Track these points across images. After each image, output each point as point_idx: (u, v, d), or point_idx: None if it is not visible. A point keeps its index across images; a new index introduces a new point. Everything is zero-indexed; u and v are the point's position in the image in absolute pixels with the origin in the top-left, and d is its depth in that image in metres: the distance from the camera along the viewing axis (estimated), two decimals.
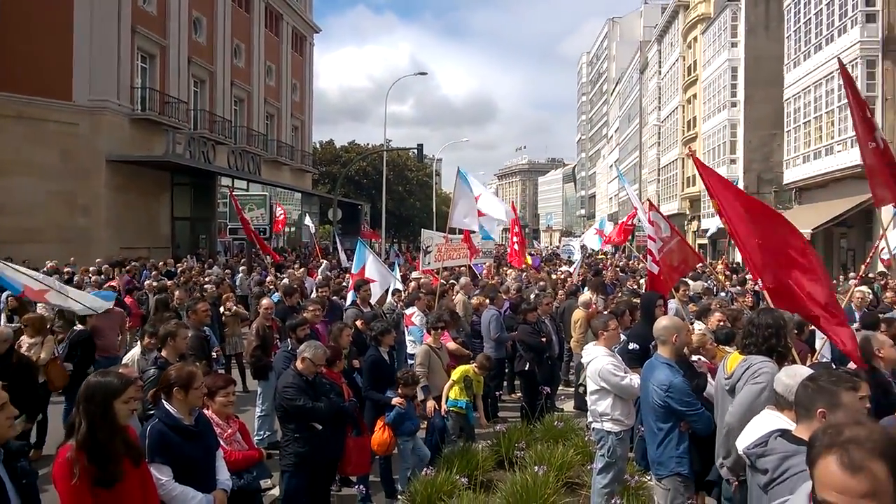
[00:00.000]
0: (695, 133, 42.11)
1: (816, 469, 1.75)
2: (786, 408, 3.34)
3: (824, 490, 1.71)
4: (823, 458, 1.73)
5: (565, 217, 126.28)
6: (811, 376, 2.97)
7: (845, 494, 1.66)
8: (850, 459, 1.68)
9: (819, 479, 1.74)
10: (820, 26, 25.50)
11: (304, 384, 5.63)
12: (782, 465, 2.74)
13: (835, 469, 1.69)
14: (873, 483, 1.65)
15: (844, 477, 1.67)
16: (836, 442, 1.73)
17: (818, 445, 1.77)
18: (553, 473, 6.34)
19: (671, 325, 5.05)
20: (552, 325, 9.96)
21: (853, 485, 1.66)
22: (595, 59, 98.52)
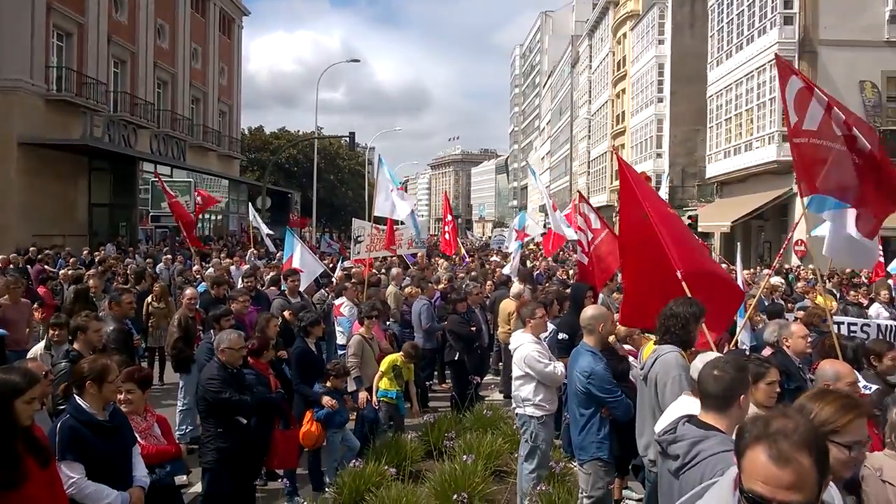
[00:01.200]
0: (623, 127, 43.23)
1: (745, 460, 1.78)
2: None
3: (752, 480, 1.75)
4: (752, 450, 1.76)
5: (498, 208, 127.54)
6: (720, 365, 3.04)
7: (772, 485, 1.70)
8: (779, 451, 1.72)
9: (747, 470, 1.77)
10: (741, 27, 26.53)
11: (228, 376, 5.46)
12: (692, 451, 2.80)
13: (763, 460, 1.73)
14: (799, 474, 1.70)
15: (772, 468, 1.71)
16: (764, 434, 1.76)
17: (747, 437, 1.80)
18: (482, 462, 6.39)
19: (597, 314, 5.18)
20: (482, 314, 10.02)
21: (781, 476, 1.70)
22: (528, 51, 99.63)
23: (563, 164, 68.04)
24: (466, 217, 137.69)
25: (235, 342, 5.58)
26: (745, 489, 1.76)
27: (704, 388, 3.02)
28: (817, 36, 23.46)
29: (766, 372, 3.88)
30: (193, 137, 37.99)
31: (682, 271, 4.96)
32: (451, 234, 18.37)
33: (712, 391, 2.95)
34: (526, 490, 5.73)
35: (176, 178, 31.12)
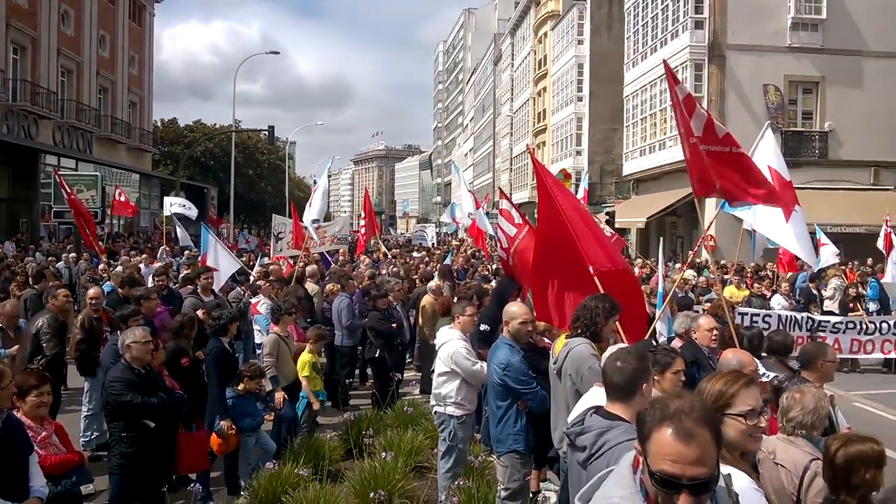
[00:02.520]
0: (545, 125, 44.06)
1: (651, 443, 1.83)
2: None
3: (660, 461, 1.79)
4: (657, 431, 1.81)
5: (422, 204, 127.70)
6: (622, 356, 3.11)
7: (680, 462, 1.76)
8: (683, 429, 1.78)
9: (654, 452, 1.81)
10: (655, 30, 27.50)
11: (134, 378, 5.20)
12: (598, 441, 2.85)
13: (670, 439, 1.78)
14: (703, 449, 1.77)
15: (679, 446, 1.77)
16: (666, 415, 1.82)
17: (650, 420, 1.85)
18: (402, 459, 6.35)
19: (517, 310, 5.23)
20: (404, 311, 9.96)
21: (687, 452, 1.76)
22: (451, 48, 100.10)
23: (486, 161, 68.77)
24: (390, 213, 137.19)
25: (141, 336, 5.32)
26: (653, 471, 1.80)
27: (608, 379, 3.07)
28: (725, 41, 24.57)
29: (673, 361, 3.99)
30: (101, 129, 36.11)
31: (595, 269, 5.08)
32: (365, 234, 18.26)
33: (616, 382, 3.01)
34: (443, 486, 5.72)
35: (81, 172, 29.49)
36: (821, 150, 24.56)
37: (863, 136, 24.12)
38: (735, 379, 2.63)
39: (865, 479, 2.92)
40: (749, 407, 2.52)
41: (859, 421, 9.40)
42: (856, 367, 13.07)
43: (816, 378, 4.44)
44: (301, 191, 63.29)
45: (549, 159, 42.95)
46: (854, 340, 12.63)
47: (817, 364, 4.49)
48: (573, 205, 5.84)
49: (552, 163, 41.62)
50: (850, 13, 24.16)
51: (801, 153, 24.36)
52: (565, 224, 5.36)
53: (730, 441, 2.50)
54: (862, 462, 2.95)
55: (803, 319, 12.58)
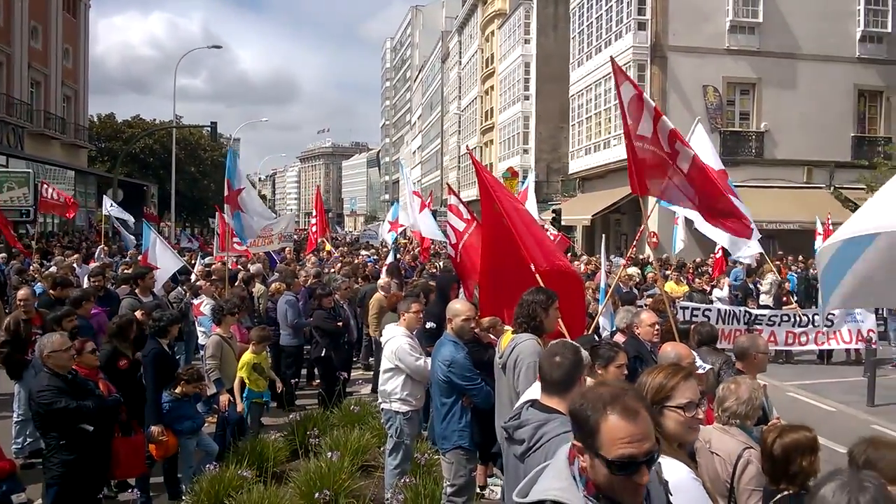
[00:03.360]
0: (492, 123, 44.36)
1: (601, 434, 1.85)
2: None
3: (615, 447, 1.83)
4: (605, 420, 1.85)
5: (370, 202, 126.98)
6: (559, 350, 3.14)
7: (635, 440, 1.81)
8: (627, 409, 1.84)
9: (607, 439, 1.84)
10: (600, 30, 27.99)
11: (62, 384, 4.99)
12: (536, 434, 2.87)
13: (619, 423, 1.83)
14: (647, 423, 1.86)
15: (629, 426, 1.83)
16: (607, 402, 1.87)
17: (592, 413, 1.88)
18: (348, 458, 6.31)
19: (460, 307, 5.25)
20: (351, 309, 9.88)
21: (636, 429, 1.83)
22: (399, 45, 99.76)
23: (434, 159, 68.83)
24: (337, 211, 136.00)
25: (59, 343, 5.11)
26: (611, 460, 1.83)
27: (545, 373, 3.11)
28: (667, 42, 25.18)
29: (616, 356, 4.13)
30: (33, 124, 34.60)
31: (536, 266, 5.15)
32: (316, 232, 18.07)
33: (553, 376, 3.05)
34: (390, 483, 5.70)
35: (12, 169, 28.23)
36: (757, 149, 25.43)
37: (797, 136, 25.09)
38: (674, 372, 2.68)
39: (803, 467, 3.02)
40: (687, 399, 2.58)
41: (794, 410, 9.78)
42: (790, 358, 13.58)
43: (750, 369, 4.59)
44: None
45: (496, 157, 43.29)
46: (789, 333, 13.12)
47: (751, 356, 4.64)
48: (514, 205, 5.95)
49: (499, 161, 41.95)
50: (785, 17, 25.08)
51: (738, 152, 25.18)
52: (507, 224, 5.45)
53: (670, 432, 2.56)
54: (798, 450, 3.05)
55: (741, 313, 13.02)
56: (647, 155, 6.17)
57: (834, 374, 12.57)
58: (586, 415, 1.89)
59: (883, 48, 25.84)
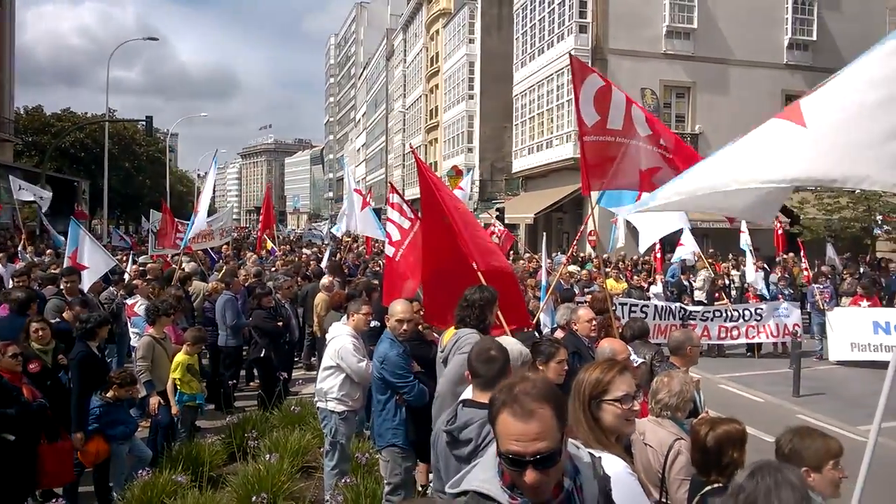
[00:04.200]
0: (437, 122, 44.42)
1: (497, 426, 1.92)
2: None
3: (506, 442, 1.88)
4: (502, 414, 1.90)
5: (313, 199, 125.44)
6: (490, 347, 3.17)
7: (524, 440, 1.85)
8: (523, 408, 1.87)
9: (501, 434, 1.90)
10: (543, 32, 28.34)
11: None
12: (483, 431, 2.89)
13: (511, 420, 1.87)
14: (543, 424, 1.87)
15: (520, 424, 1.86)
16: (510, 398, 1.91)
17: (496, 404, 1.95)
18: (287, 460, 6.22)
19: (397, 307, 5.30)
20: (292, 308, 9.72)
21: (527, 430, 1.85)
22: (343, 41, 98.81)
23: (378, 157, 68.49)
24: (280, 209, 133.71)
25: None
26: (502, 452, 1.90)
27: (477, 370, 3.14)
28: (607, 45, 25.72)
29: (556, 352, 4.19)
30: None
31: (479, 265, 5.19)
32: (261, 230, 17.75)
33: (485, 372, 3.08)
34: (330, 485, 5.63)
35: None
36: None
37: (729, 139, 25.20)
38: (610, 367, 2.74)
39: (733, 458, 3.12)
40: (623, 392, 2.64)
41: (724, 401, 10.15)
42: (722, 351, 14.09)
43: (683, 363, 4.73)
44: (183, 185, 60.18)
45: (440, 156, 43.38)
46: (721, 327, 13.63)
47: (686, 350, 4.77)
48: (455, 204, 5.95)
49: (444, 159, 42.05)
50: (718, 24, 25.94)
51: None
52: (449, 222, 5.46)
53: (608, 426, 2.62)
54: (730, 442, 3.15)
55: (676, 309, 13.44)
56: (603, 148, 6.24)
57: (762, 367, 13.08)
58: (493, 403, 1.97)
59: (809, 55, 27.03)
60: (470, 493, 2.00)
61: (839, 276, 16.68)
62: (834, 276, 16.24)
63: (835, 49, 27.05)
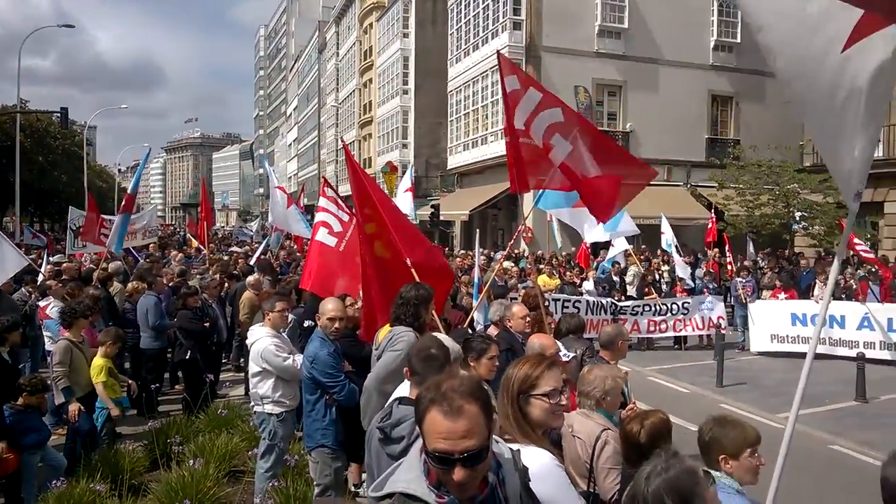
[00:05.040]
0: (370, 117, 44.01)
1: (425, 424, 1.90)
2: None
3: (434, 440, 1.86)
4: (429, 412, 1.89)
5: (243, 196, 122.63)
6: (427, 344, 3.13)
7: (450, 438, 1.84)
8: (450, 406, 1.86)
9: (428, 432, 1.89)
10: (477, 28, 28.43)
11: None
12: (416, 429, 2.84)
13: (440, 418, 1.86)
14: (470, 422, 1.86)
15: (447, 422, 1.85)
16: (437, 396, 1.90)
17: (423, 403, 1.93)
18: (214, 465, 6.04)
19: (328, 305, 5.21)
20: (220, 308, 9.41)
21: (455, 427, 1.85)
22: (273, 33, 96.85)
23: (311, 152, 67.43)
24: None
25: None
26: (429, 451, 1.88)
27: (416, 368, 3.11)
28: (541, 43, 26.00)
29: (488, 348, 4.18)
30: None
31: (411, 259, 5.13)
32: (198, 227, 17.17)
33: (424, 371, 3.05)
34: (261, 488, 5.47)
35: None
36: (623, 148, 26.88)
37: (658, 137, 26.72)
38: (538, 362, 2.75)
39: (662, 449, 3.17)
40: (551, 387, 2.67)
41: (653, 393, 10.42)
42: (651, 345, 14.50)
43: (612, 356, 4.81)
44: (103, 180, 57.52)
45: (375, 151, 43.04)
46: (650, 321, 14.05)
47: (616, 344, 4.85)
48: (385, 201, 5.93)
49: (378, 155, 41.74)
50: (648, 24, 26.62)
51: None
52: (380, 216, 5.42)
53: (536, 420, 2.63)
54: (658, 434, 3.21)
55: (608, 304, 13.76)
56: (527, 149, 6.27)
57: (688, 359, 13.52)
58: (420, 403, 1.95)
59: (733, 57, 28.08)
60: (396, 494, 1.97)
61: (760, 270, 17.42)
62: (755, 271, 16.95)
63: (757, 51, 27.92)
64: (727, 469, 2.81)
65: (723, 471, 2.81)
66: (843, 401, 10.00)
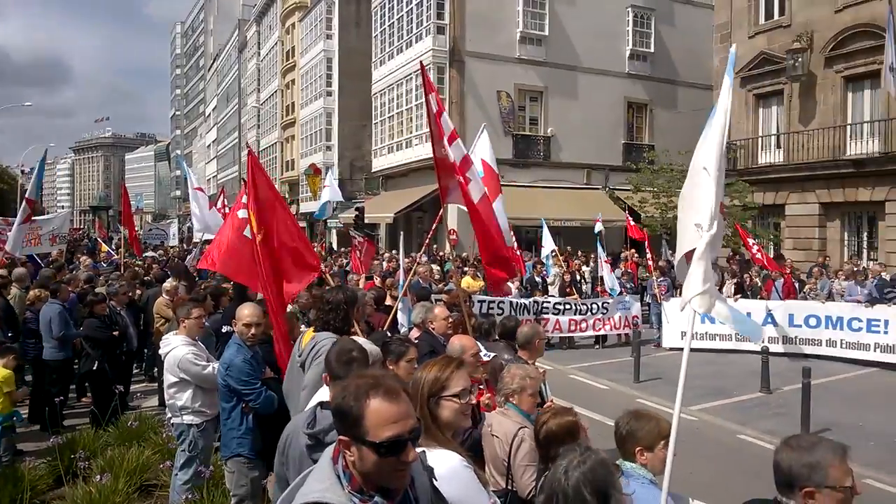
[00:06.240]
0: (293, 118, 43.24)
1: (366, 418, 1.85)
2: None
3: (381, 429, 1.84)
4: (369, 404, 1.86)
5: (159, 198, 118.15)
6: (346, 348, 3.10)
7: (399, 420, 1.85)
8: (388, 390, 1.89)
9: (373, 422, 1.85)
10: (401, 31, 28.39)
11: None
12: None
13: (383, 404, 1.86)
14: (407, 403, 1.91)
15: (392, 406, 1.86)
16: (369, 386, 1.89)
17: (355, 402, 1.88)
18: (124, 479, 5.75)
19: (245, 311, 5.06)
20: (130, 316, 8.99)
21: (399, 409, 1.87)
22: (191, 30, 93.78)
23: (231, 154, 65.59)
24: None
25: None
26: (379, 444, 1.84)
27: (337, 372, 3.10)
28: (464, 47, 26.21)
29: (406, 351, 4.15)
30: None
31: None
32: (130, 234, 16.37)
33: (346, 374, 3.00)
34: (176, 501, 5.25)
35: None
36: (544, 152, 27.43)
37: (578, 142, 27.44)
38: (446, 364, 2.77)
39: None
40: (461, 387, 2.68)
41: (573, 390, 10.68)
42: (572, 343, 14.84)
43: (530, 355, 4.88)
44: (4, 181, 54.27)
45: (298, 153, 42.31)
46: (571, 320, 14.40)
47: (534, 343, 4.92)
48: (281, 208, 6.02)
49: (302, 157, 41.07)
50: (567, 32, 27.28)
51: (528, 155, 27.00)
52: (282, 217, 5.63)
53: (447, 421, 2.64)
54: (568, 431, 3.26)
55: (530, 304, 14.01)
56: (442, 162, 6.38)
57: (607, 356, 13.92)
58: (349, 405, 1.90)
59: (648, 66, 29.15)
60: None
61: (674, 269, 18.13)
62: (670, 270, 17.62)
63: (670, 61, 29.45)
64: (642, 461, 2.90)
65: (638, 462, 2.90)
66: (750, 392, 10.54)
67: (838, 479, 2.28)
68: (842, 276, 15.02)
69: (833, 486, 2.28)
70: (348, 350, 3.26)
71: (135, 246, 17.33)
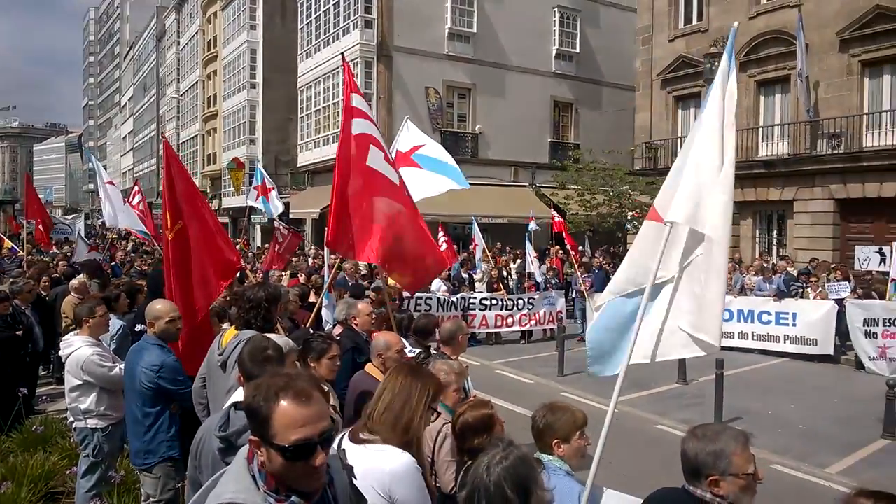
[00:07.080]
0: (215, 110, 41.92)
1: (274, 420, 1.82)
2: None
3: (289, 431, 1.80)
4: (278, 406, 1.82)
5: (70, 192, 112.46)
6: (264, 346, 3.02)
7: (308, 423, 1.81)
8: (300, 392, 1.84)
9: (281, 424, 1.81)
10: (328, 24, 27.94)
11: None
12: None
13: (294, 406, 1.82)
14: (320, 404, 1.87)
15: (302, 409, 1.82)
16: (280, 388, 1.85)
17: (265, 402, 1.84)
18: (28, 487, 5.44)
19: (162, 307, 4.85)
20: (35, 315, 8.49)
21: (308, 412, 1.83)
22: (105, 16, 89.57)
23: (148, 146, 63.07)
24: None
25: None
26: (286, 447, 1.80)
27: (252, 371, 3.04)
28: (392, 42, 26.06)
29: (328, 348, 4.10)
30: None
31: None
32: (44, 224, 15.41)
33: (261, 374, 2.90)
34: None
35: None
36: (473, 149, 27.63)
37: (505, 139, 27.78)
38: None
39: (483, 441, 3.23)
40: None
41: (500, 385, 10.81)
42: (499, 339, 15.01)
43: (453, 351, 4.89)
44: None
45: (220, 147, 41.07)
46: (497, 316, 14.55)
47: (457, 338, 4.93)
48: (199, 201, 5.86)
49: (224, 151, 39.89)
50: (495, 30, 27.55)
51: (457, 152, 26.96)
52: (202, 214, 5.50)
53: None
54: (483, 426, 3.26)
55: (458, 300, 14.07)
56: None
57: (533, 351, 14.16)
58: (259, 405, 1.85)
59: (573, 66, 29.80)
60: None
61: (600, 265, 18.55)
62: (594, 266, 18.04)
63: (594, 61, 30.21)
64: (559, 453, 2.94)
65: (556, 454, 2.93)
66: (667, 384, 10.93)
67: (741, 466, 2.39)
68: (752, 272, 15.77)
69: (736, 473, 2.38)
70: (262, 348, 3.17)
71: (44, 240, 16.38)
